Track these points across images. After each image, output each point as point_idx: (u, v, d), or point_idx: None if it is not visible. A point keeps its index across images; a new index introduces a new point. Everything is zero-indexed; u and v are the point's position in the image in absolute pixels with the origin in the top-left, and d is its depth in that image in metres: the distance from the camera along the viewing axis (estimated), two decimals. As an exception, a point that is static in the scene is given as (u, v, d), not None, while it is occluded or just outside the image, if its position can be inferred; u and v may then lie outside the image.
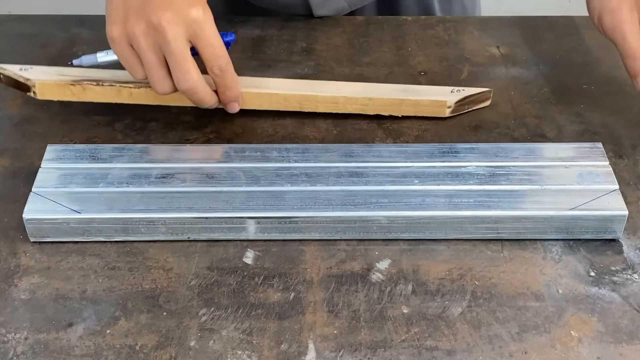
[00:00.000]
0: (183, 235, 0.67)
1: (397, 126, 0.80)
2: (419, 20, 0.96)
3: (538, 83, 0.85)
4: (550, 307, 0.62)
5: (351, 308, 0.62)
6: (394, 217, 0.66)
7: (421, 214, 0.66)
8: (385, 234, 0.67)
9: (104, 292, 0.64)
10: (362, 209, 0.66)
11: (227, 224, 0.66)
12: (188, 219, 0.66)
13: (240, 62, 0.89)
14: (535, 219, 0.66)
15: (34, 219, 0.66)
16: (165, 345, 0.60)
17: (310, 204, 0.66)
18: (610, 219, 0.66)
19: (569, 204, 0.66)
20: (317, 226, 0.66)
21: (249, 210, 0.66)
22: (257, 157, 0.71)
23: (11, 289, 0.64)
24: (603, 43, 0.91)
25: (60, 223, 0.66)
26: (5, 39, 0.93)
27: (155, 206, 0.66)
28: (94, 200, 0.67)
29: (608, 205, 0.66)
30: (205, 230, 0.66)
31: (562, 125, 0.80)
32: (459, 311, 0.62)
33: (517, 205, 0.66)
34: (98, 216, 0.66)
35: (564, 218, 0.66)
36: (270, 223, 0.66)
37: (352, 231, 0.67)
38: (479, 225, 0.66)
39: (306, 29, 0.95)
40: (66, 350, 0.59)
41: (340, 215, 0.66)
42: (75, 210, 0.66)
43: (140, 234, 0.67)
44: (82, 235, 0.67)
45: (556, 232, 0.66)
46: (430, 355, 0.59)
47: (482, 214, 0.66)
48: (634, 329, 0.61)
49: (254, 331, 0.61)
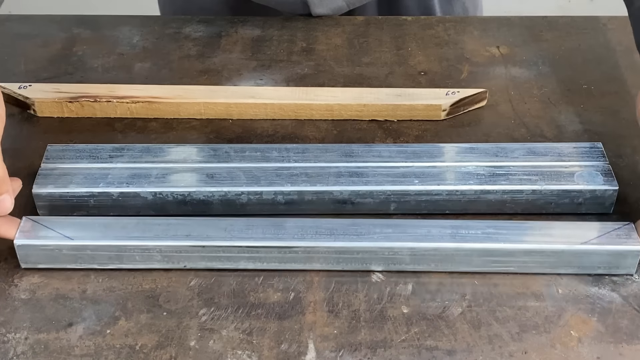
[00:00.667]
0: (179, 263, 0.65)
1: (397, 126, 0.80)
2: (419, 20, 0.96)
3: (538, 83, 0.85)
4: (550, 307, 0.62)
5: (351, 308, 0.62)
6: (398, 248, 0.63)
7: (426, 246, 0.63)
8: (388, 265, 0.64)
9: (104, 292, 0.64)
10: (365, 239, 0.64)
11: (225, 253, 0.64)
12: (185, 247, 0.64)
13: (240, 62, 0.89)
14: (546, 253, 0.63)
15: (25, 244, 0.64)
16: (165, 345, 0.60)
17: (311, 233, 0.64)
18: (623, 255, 0.63)
19: (581, 237, 0.64)
20: (318, 256, 0.64)
21: (247, 239, 0.64)
22: (257, 157, 0.71)
23: (11, 289, 0.64)
24: (603, 43, 0.91)
25: (52, 249, 0.63)
26: (5, 39, 0.93)
27: (150, 233, 0.64)
28: (87, 226, 0.65)
29: (622, 240, 0.63)
30: (203, 259, 0.64)
31: (562, 125, 0.80)
32: (459, 311, 0.62)
33: (525, 238, 0.64)
34: (91, 243, 0.64)
35: (576, 252, 0.63)
36: (269, 252, 0.64)
37: (355, 262, 0.64)
38: (486, 258, 0.64)
39: (306, 29, 0.95)
40: (66, 350, 0.59)
41: (342, 246, 0.63)
42: (67, 237, 0.64)
43: (135, 261, 0.64)
44: (75, 262, 0.64)
45: (566, 266, 0.64)
46: (430, 355, 0.59)
47: (490, 246, 0.63)
48: (634, 329, 0.61)
49: (254, 331, 0.61)
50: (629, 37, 0.92)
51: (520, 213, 0.70)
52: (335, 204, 0.69)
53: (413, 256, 0.64)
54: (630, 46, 0.91)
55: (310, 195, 0.69)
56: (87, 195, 0.68)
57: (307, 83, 0.86)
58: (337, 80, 0.86)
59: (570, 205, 0.69)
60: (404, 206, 0.69)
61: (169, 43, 0.92)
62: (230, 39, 0.93)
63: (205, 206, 0.69)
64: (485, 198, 0.69)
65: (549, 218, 0.69)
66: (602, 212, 0.70)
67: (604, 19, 0.96)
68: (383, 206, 0.69)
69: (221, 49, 0.91)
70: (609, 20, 0.95)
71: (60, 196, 0.68)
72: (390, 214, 0.70)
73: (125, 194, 0.68)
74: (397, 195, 0.69)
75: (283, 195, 0.69)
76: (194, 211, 0.70)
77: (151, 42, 0.92)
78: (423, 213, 0.70)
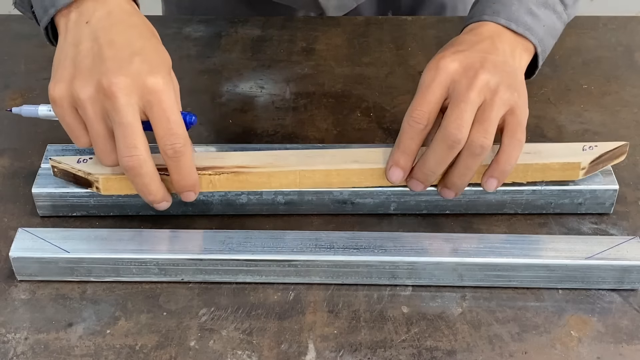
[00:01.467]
0: (176, 276, 0.64)
1: (398, 126, 0.79)
2: (419, 20, 0.96)
3: (538, 83, 0.85)
4: (550, 307, 0.62)
5: (351, 308, 0.62)
6: (399, 262, 0.63)
7: (427, 260, 0.63)
8: (389, 279, 0.64)
9: (104, 292, 0.64)
10: (366, 253, 0.63)
11: (223, 266, 0.63)
12: (182, 261, 0.63)
13: (240, 62, 0.89)
14: (549, 268, 0.63)
15: (21, 257, 0.63)
16: (165, 345, 0.60)
17: (310, 246, 0.64)
18: (629, 270, 0.63)
19: (585, 252, 0.63)
20: (317, 270, 0.63)
21: (246, 253, 0.63)
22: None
23: (11, 289, 0.64)
24: (603, 43, 0.91)
25: (48, 262, 0.63)
26: (5, 39, 0.93)
27: (147, 246, 0.64)
28: (84, 238, 0.64)
29: (627, 255, 0.63)
30: (200, 272, 0.63)
31: (562, 125, 0.80)
32: (459, 311, 0.62)
33: (530, 253, 0.63)
34: (88, 256, 0.63)
35: (581, 267, 0.63)
36: (268, 266, 0.63)
37: (355, 275, 0.64)
38: (488, 273, 0.63)
39: (306, 29, 0.95)
40: (66, 350, 0.59)
41: (342, 260, 0.63)
42: (63, 249, 0.63)
43: (131, 274, 0.64)
44: (71, 275, 0.64)
45: (570, 281, 0.63)
46: (430, 355, 0.59)
47: (492, 261, 0.63)
48: (634, 329, 0.61)
49: (254, 331, 0.61)
50: (629, 37, 0.92)
51: (521, 213, 0.70)
52: (335, 204, 0.69)
53: (414, 270, 0.63)
54: (631, 46, 0.91)
55: (310, 195, 0.69)
56: (87, 195, 0.68)
57: (307, 83, 0.86)
58: (337, 80, 0.86)
59: (570, 205, 0.69)
60: (404, 206, 0.69)
61: (169, 43, 0.92)
62: (230, 39, 0.93)
63: (205, 206, 0.69)
64: (485, 198, 0.69)
65: (548, 218, 0.69)
66: (602, 212, 0.70)
67: (604, 19, 0.96)
68: (383, 206, 0.69)
69: (221, 49, 0.91)
70: (609, 20, 0.95)
71: (60, 196, 0.68)
72: (390, 214, 0.70)
73: (125, 194, 0.68)
74: (397, 195, 0.69)
75: (283, 195, 0.69)
76: (193, 211, 0.69)
77: (151, 42, 0.92)
78: (423, 213, 0.70)
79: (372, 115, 0.81)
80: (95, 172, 0.66)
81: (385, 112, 0.81)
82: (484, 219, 0.70)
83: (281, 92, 0.85)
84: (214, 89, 0.85)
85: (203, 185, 0.66)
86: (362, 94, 0.84)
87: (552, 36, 0.72)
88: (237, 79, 0.87)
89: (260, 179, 0.67)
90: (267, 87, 0.85)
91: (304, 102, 0.83)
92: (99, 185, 0.66)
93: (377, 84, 0.85)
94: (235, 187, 0.67)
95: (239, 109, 0.82)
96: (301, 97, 0.84)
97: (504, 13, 0.69)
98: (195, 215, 0.70)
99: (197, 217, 0.70)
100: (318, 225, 0.69)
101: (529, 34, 0.69)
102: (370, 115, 0.81)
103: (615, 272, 0.63)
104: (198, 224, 0.69)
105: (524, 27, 0.69)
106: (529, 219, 0.69)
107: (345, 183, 0.68)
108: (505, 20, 0.68)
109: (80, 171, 0.67)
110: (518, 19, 0.69)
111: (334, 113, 0.81)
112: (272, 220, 0.70)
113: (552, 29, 0.71)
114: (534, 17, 0.69)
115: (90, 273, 0.64)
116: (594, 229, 0.69)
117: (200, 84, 0.86)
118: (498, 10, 0.69)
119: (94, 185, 0.67)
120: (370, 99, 0.83)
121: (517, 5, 0.69)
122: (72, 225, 0.69)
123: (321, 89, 0.85)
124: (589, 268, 0.63)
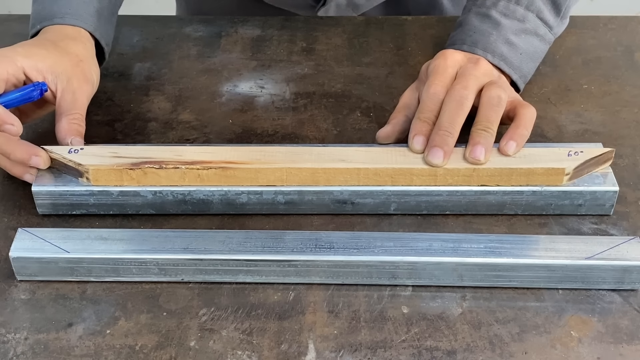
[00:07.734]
0: (176, 276, 0.64)
1: (397, 126, 0.79)
2: (419, 20, 0.96)
3: (538, 83, 0.85)
4: (551, 308, 0.62)
5: (351, 308, 0.62)
6: (399, 262, 0.63)
7: (427, 260, 0.63)
8: (390, 280, 0.64)
9: (104, 292, 0.64)
10: (366, 253, 0.63)
11: (223, 266, 0.63)
12: (182, 260, 0.63)
13: (240, 62, 0.89)
14: (550, 268, 0.62)
15: (21, 257, 0.63)
16: (165, 346, 0.60)
17: (310, 246, 0.64)
18: (629, 270, 0.63)
19: (585, 252, 0.63)
20: (317, 270, 0.63)
21: (246, 253, 0.63)
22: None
23: (11, 289, 0.64)
24: (603, 43, 0.91)
25: (48, 262, 0.63)
26: (5, 39, 0.93)
27: (147, 246, 0.64)
28: (84, 238, 0.64)
29: (627, 255, 0.63)
30: (200, 272, 0.64)
31: (562, 125, 0.80)
32: (459, 311, 0.62)
33: (530, 253, 0.63)
34: (88, 256, 0.63)
35: (581, 267, 0.62)
36: (268, 266, 0.63)
37: (355, 275, 0.64)
38: (489, 273, 0.63)
39: (306, 29, 0.95)
40: (66, 351, 0.59)
41: (342, 260, 0.63)
42: (63, 249, 0.63)
43: (131, 274, 0.64)
44: (71, 275, 0.64)
45: (570, 281, 0.63)
46: (430, 356, 0.59)
47: (492, 261, 0.62)
48: (634, 329, 0.61)
49: (254, 331, 0.61)
50: (629, 37, 0.92)
51: (521, 214, 0.70)
52: (335, 204, 0.69)
53: (414, 270, 0.63)
54: (631, 46, 0.91)
55: (310, 195, 0.69)
56: (87, 193, 0.68)
57: (307, 83, 0.86)
58: (337, 80, 0.86)
59: (570, 207, 0.69)
60: (404, 206, 0.69)
61: (169, 43, 0.92)
62: (230, 38, 0.93)
63: (205, 205, 0.69)
64: (486, 199, 0.69)
65: (549, 218, 0.69)
66: (602, 214, 0.70)
67: (604, 19, 0.96)
68: (383, 206, 0.69)
69: (221, 49, 0.91)
70: (609, 20, 0.95)
71: (60, 194, 0.68)
72: (390, 214, 0.70)
73: (125, 193, 0.68)
74: (397, 195, 0.69)
75: (283, 194, 0.69)
76: (193, 210, 0.70)
77: (151, 42, 0.92)
78: (423, 213, 0.70)
79: (372, 115, 0.81)
80: (85, 162, 0.68)
81: (385, 112, 0.81)
82: (484, 219, 0.70)
83: (281, 92, 0.85)
84: (214, 89, 0.85)
85: (191, 179, 0.68)
86: (362, 94, 0.84)
87: (532, 60, 0.79)
88: (237, 79, 0.87)
89: (247, 175, 0.68)
90: (267, 87, 0.85)
91: (304, 102, 0.83)
92: (89, 176, 0.68)
93: (377, 84, 0.85)
94: (223, 182, 0.69)
95: (239, 109, 0.82)
96: (301, 97, 0.84)
97: (481, 44, 0.76)
98: (195, 215, 0.70)
99: (197, 216, 0.70)
100: (318, 225, 0.69)
101: (503, 64, 0.76)
102: (370, 115, 0.81)
103: (616, 272, 0.63)
104: (198, 223, 0.69)
105: (499, 57, 0.76)
106: (529, 219, 0.69)
107: (331, 181, 0.69)
108: (482, 52, 0.76)
109: (71, 161, 0.68)
110: (495, 50, 0.76)
111: (334, 113, 0.81)
112: (272, 220, 0.70)
113: (532, 53, 0.78)
114: (510, 47, 0.76)
115: (90, 273, 0.64)
116: (594, 229, 0.69)
117: (200, 84, 0.86)
118: (476, 41, 0.76)
119: (84, 176, 0.68)
120: (370, 99, 0.83)
121: (495, 36, 0.76)
122: (72, 225, 0.69)
123: (321, 89, 0.85)
124: (589, 268, 0.62)
